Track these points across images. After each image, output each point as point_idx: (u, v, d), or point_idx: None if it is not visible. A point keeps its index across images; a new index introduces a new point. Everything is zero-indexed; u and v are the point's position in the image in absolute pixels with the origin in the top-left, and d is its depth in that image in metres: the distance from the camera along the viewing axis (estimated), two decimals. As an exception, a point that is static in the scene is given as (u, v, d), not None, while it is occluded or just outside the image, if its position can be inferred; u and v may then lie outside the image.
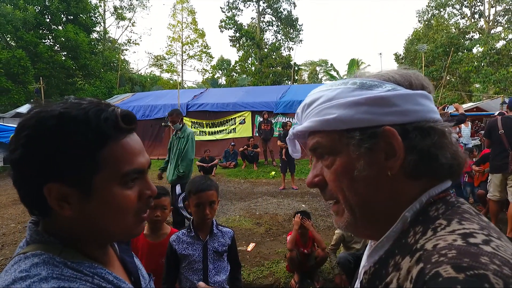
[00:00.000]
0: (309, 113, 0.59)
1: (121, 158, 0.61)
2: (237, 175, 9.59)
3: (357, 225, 0.57)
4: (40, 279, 0.52)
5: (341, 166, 0.55)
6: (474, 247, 0.40)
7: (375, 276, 0.52)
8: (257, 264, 3.78)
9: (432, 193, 0.53)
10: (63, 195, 0.58)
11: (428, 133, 0.53)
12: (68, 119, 0.57)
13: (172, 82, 33.00)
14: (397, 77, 0.57)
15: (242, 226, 5.07)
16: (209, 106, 12.82)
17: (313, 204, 6.28)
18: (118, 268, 0.73)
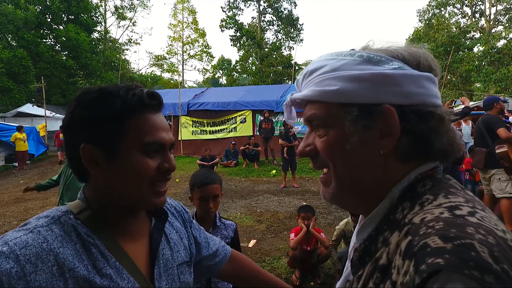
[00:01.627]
0: (310, 81, 0.58)
1: (143, 129, 0.70)
2: (238, 174, 9.60)
3: (343, 197, 0.58)
4: (27, 228, 0.64)
5: (334, 138, 0.55)
6: (460, 218, 0.41)
7: (365, 253, 0.53)
8: (258, 260, 3.80)
9: (420, 170, 0.54)
10: (93, 156, 0.68)
11: (425, 117, 0.52)
12: (105, 92, 0.70)
13: (173, 82, 33.03)
14: (406, 55, 0.55)
15: (243, 223, 5.09)
16: (210, 105, 12.83)
17: (313, 202, 6.29)
18: (142, 242, 0.78)
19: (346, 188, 0.56)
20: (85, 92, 0.71)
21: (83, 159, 0.68)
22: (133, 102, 0.69)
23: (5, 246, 0.59)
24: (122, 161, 0.69)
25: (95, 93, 0.70)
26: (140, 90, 0.72)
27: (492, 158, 4.17)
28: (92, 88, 0.72)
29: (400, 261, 0.41)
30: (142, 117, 0.70)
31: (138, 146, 0.69)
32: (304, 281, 3.35)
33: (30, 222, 0.67)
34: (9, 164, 12.10)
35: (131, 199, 0.72)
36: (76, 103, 0.70)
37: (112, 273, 0.68)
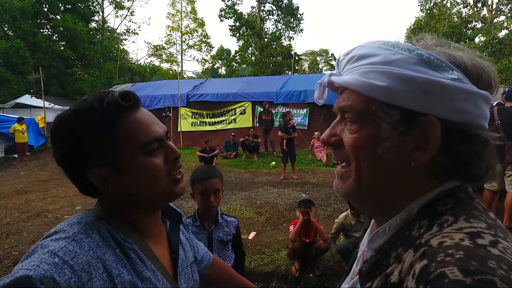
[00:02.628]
0: (355, 68, 0.53)
1: (134, 131, 0.68)
2: (238, 166, 9.63)
3: (358, 196, 0.56)
4: (67, 235, 0.63)
5: (366, 138, 0.52)
6: (482, 249, 0.39)
7: (376, 266, 0.51)
8: (258, 252, 3.85)
9: (443, 187, 0.51)
10: (102, 176, 0.67)
11: (470, 139, 0.49)
12: (79, 113, 0.67)
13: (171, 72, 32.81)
14: (469, 65, 0.50)
15: (243, 215, 5.13)
16: (209, 96, 12.79)
17: (313, 194, 6.33)
18: (162, 244, 0.81)
19: (363, 190, 0.54)
20: (59, 122, 0.68)
21: (94, 183, 0.68)
22: (110, 110, 0.67)
23: (55, 257, 0.58)
24: (131, 171, 0.69)
25: (70, 119, 0.67)
26: (112, 96, 0.69)
27: None
28: (63, 114, 0.68)
29: (413, 284, 0.40)
30: (126, 120, 0.68)
31: (138, 150, 0.69)
32: (303, 273, 3.40)
33: (64, 229, 0.65)
34: (9, 156, 12.10)
35: (154, 197, 0.73)
36: (57, 135, 0.68)
37: (150, 276, 0.70)
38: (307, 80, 13.38)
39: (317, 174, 8.42)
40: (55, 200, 6.42)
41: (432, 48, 0.52)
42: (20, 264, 0.57)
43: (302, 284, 3.35)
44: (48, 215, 5.53)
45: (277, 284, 3.42)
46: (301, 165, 9.21)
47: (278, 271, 3.51)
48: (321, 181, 7.59)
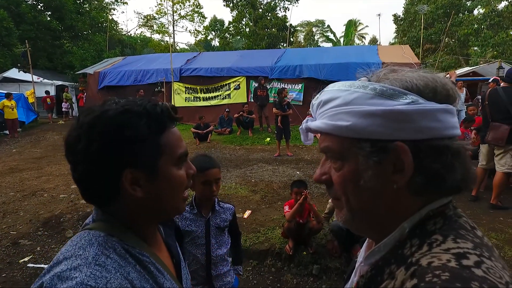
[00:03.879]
0: (323, 113, 0.59)
1: (174, 143, 0.72)
2: (232, 142, 9.64)
3: (354, 224, 0.61)
4: (86, 261, 0.61)
5: (349, 173, 0.56)
6: (466, 270, 0.42)
7: (371, 281, 0.55)
8: (253, 231, 3.94)
9: (432, 206, 0.54)
10: (136, 179, 0.67)
11: (441, 152, 0.52)
12: (133, 113, 0.67)
13: (163, 44, 31.88)
14: (421, 85, 0.54)
15: (238, 193, 5.20)
16: (202, 71, 12.55)
17: (307, 171, 6.41)
18: (163, 250, 0.83)
19: (357, 217, 0.59)
20: (108, 117, 0.65)
21: (125, 185, 0.66)
22: (164, 118, 0.70)
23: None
24: (163, 178, 0.70)
25: (123, 115, 0.66)
26: (165, 106, 0.72)
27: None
28: (112, 110, 0.66)
29: None
30: (170, 132, 0.72)
31: (174, 161, 0.72)
32: (297, 251, 3.51)
33: (78, 254, 0.62)
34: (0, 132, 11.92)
35: (169, 209, 0.76)
36: (103, 128, 0.64)
37: (169, 286, 0.72)
38: (302, 54, 13.14)
39: (312, 150, 8.47)
40: (50, 179, 6.42)
41: (385, 79, 0.57)
42: None
43: (295, 261, 3.47)
44: (44, 194, 5.55)
45: (271, 262, 3.54)
46: (295, 141, 9.24)
47: (272, 249, 3.61)
48: (315, 158, 7.65)
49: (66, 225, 4.43)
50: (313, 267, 3.36)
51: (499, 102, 4.08)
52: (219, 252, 1.85)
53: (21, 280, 3.35)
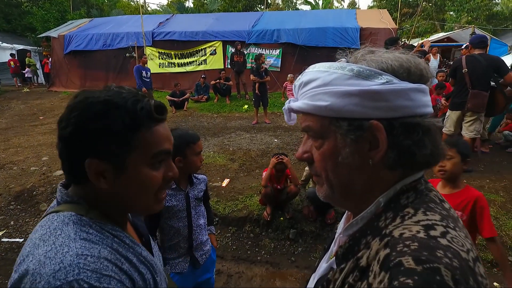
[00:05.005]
0: (304, 93, 0.61)
1: (151, 142, 0.70)
2: (210, 110, 9.50)
3: (334, 199, 0.65)
4: (69, 238, 0.61)
5: (328, 150, 0.60)
6: (433, 240, 0.47)
7: (349, 251, 0.60)
8: (232, 199, 4.02)
9: (405, 181, 0.59)
10: (100, 170, 0.67)
11: (412, 129, 0.56)
12: (112, 105, 0.66)
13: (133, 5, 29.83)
14: (396, 66, 0.57)
15: (216, 162, 5.22)
16: (176, 35, 11.96)
17: (285, 139, 6.48)
18: (131, 230, 0.83)
19: (337, 192, 0.63)
20: (88, 104, 0.66)
21: (88, 173, 0.66)
22: (142, 117, 0.68)
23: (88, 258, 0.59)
24: (130, 175, 0.69)
25: (101, 105, 0.65)
26: (147, 103, 0.69)
27: (489, 101, 4.15)
28: (95, 97, 0.66)
29: (377, 269, 0.48)
30: (150, 130, 0.69)
31: (147, 161, 0.70)
32: (274, 217, 3.64)
33: (57, 233, 0.62)
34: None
35: (136, 207, 0.74)
36: (80, 113, 0.65)
37: (146, 254, 0.74)
38: (280, 18, 12.71)
39: (289, 117, 8.52)
40: (18, 151, 6.14)
41: (362, 60, 0.60)
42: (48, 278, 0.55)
43: (273, 227, 3.60)
44: (13, 167, 5.33)
45: (250, 228, 3.66)
46: (273, 108, 9.22)
47: (251, 216, 3.72)
48: (293, 125, 7.71)
49: (40, 198, 4.33)
50: (290, 232, 3.51)
51: (479, 69, 4.15)
52: (199, 222, 1.90)
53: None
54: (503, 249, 1.96)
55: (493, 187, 4.09)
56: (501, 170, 4.63)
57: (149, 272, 0.71)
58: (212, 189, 4.26)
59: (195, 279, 1.92)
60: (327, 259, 0.73)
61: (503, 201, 3.73)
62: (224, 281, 2.96)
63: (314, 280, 0.72)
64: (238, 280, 2.98)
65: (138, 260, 0.70)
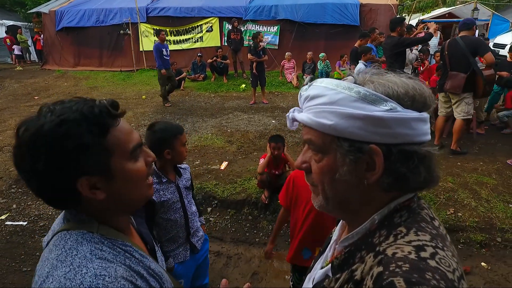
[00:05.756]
0: (310, 107, 0.63)
1: (123, 139, 0.71)
2: (207, 89, 9.40)
3: (328, 210, 0.68)
4: (85, 258, 0.63)
5: (327, 166, 0.63)
6: (423, 262, 0.51)
7: (344, 262, 0.64)
8: (230, 182, 4.08)
9: (399, 200, 0.62)
10: (93, 185, 0.68)
11: (410, 156, 0.58)
12: (71, 123, 0.64)
13: (125, -23, 28.63)
14: (401, 93, 0.59)
15: (214, 144, 5.25)
16: (171, 10, 11.61)
17: (282, 120, 6.48)
18: (137, 238, 0.86)
19: (331, 204, 0.66)
20: (46, 132, 0.63)
21: (83, 192, 0.67)
22: (104, 119, 0.68)
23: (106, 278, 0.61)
24: (120, 177, 0.71)
25: (58, 127, 0.63)
26: (102, 104, 0.69)
27: (469, 82, 4.21)
28: (49, 122, 0.64)
29: (371, 284, 0.52)
30: (116, 129, 0.70)
31: (127, 156, 0.72)
32: (272, 200, 3.72)
33: (72, 254, 0.64)
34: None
35: (136, 200, 0.78)
36: (44, 143, 0.63)
37: (154, 267, 0.77)
38: (278, -8, 12.31)
39: (287, 97, 8.47)
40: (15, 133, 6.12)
41: (370, 82, 0.62)
42: None
43: (271, 209, 3.70)
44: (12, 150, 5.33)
45: (248, 210, 3.75)
46: (271, 88, 9.15)
47: (249, 199, 3.80)
48: (290, 105, 7.68)
49: (40, 182, 4.37)
50: (287, 214, 3.60)
51: (458, 51, 4.25)
52: (192, 209, 1.97)
53: (1, 239, 3.38)
54: None
55: (486, 169, 4.17)
56: (495, 152, 4.71)
57: (158, 284, 0.75)
58: (210, 172, 4.32)
59: (195, 263, 2.01)
60: (322, 262, 0.78)
61: (495, 184, 3.83)
62: (223, 262, 3.08)
63: (310, 281, 0.77)
64: (237, 261, 3.10)
65: (147, 273, 0.73)
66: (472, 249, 3.09)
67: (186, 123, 6.42)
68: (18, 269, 2.94)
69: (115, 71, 12.03)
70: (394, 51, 4.94)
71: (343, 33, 10.28)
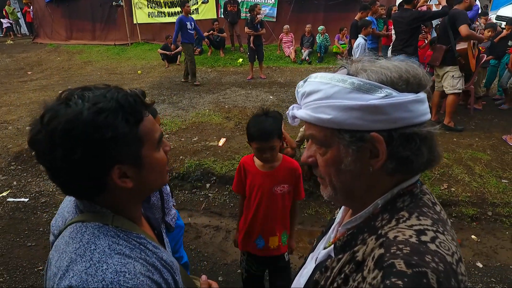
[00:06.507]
0: (307, 104, 0.64)
1: (151, 128, 0.72)
2: (204, 63, 9.25)
3: (337, 200, 0.71)
4: (105, 253, 0.64)
5: (331, 159, 0.65)
6: (423, 245, 0.53)
7: (346, 244, 0.66)
8: (229, 158, 4.12)
9: (403, 185, 0.64)
10: (123, 173, 0.69)
11: (411, 139, 0.60)
12: (109, 112, 0.64)
13: None
14: (395, 78, 0.60)
15: (212, 121, 5.24)
16: (165, -20, 11.16)
17: (280, 95, 6.44)
18: (145, 224, 0.87)
19: (339, 194, 0.69)
20: (85, 121, 0.62)
21: (115, 179, 0.67)
22: (139, 110, 0.69)
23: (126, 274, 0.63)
24: (148, 165, 0.72)
25: (98, 116, 0.63)
26: (135, 94, 0.70)
27: (450, 55, 4.26)
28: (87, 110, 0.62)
29: (372, 265, 0.54)
30: (146, 118, 0.71)
31: (154, 146, 0.74)
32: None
33: (92, 249, 0.65)
34: None
35: (155, 188, 0.80)
36: (83, 134, 0.62)
37: (166, 257, 0.79)
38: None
39: (285, 72, 8.37)
40: (11, 110, 6.07)
41: (363, 71, 0.62)
42: None
43: (269, 185, 3.75)
44: (8, 126, 5.32)
45: (246, 186, 3.81)
46: (268, 62, 9.01)
47: (247, 175, 3.85)
48: (288, 80, 7.61)
49: (39, 159, 4.39)
50: (285, 190, 3.67)
51: (442, 24, 4.34)
52: (167, 190, 2.00)
53: (4, 215, 3.45)
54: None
55: (481, 145, 4.22)
56: (491, 128, 4.75)
57: (170, 274, 0.76)
58: (208, 149, 4.35)
59: (172, 240, 2.08)
60: (325, 243, 0.81)
61: (489, 160, 3.89)
62: (223, 236, 3.17)
63: (312, 260, 0.80)
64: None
65: (161, 265, 0.74)
66: (464, 222, 3.20)
67: (183, 99, 6.38)
68: (23, 244, 3.02)
69: (109, 45, 11.75)
70: (412, 25, 4.55)
71: (342, 5, 9.98)
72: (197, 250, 2.96)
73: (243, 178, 1.91)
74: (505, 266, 2.69)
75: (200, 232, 3.20)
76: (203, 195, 3.75)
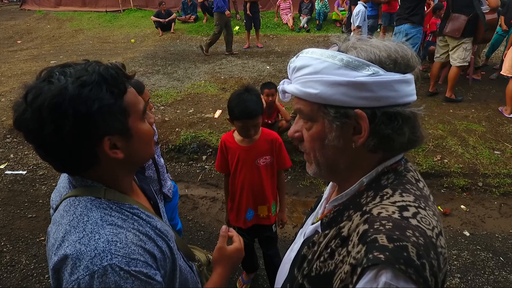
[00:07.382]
0: (297, 78, 0.66)
1: (135, 100, 0.74)
2: (199, 31, 8.98)
3: (322, 175, 0.73)
4: (97, 224, 0.67)
5: (316, 133, 0.67)
6: (405, 221, 0.55)
7: (333, 220, 0.69)
8: (225, 130, 4.11)
9: (387, 163, 0.66)
10: (113, 144, 0.71)
11: (394, 118, 0.61)
12: (93, 85, 0.65)
13: None
14: (383, 57, 0.61)
15: (208, 92, 5.17)
16: None
17: (277, 65, 6.32)
18: (142, 196, 0.90)
19: (323, 170, 0.71)
20: (71, 95, 0.63)
21: (106, 150, 0.69)
22: (122, 81, 0.70)
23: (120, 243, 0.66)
24: (136, 136, 0.74)
25: (83, 90, 0.64)
26: (116, 66, 0.71)
27: (470, 25, 4.03)
28: (71, 85, 0.63)
29: (356, 240, 0.57)
30: (129, 90, 0.73)
31: (140, 117, 0.75)
32: (266, 148, 3.80)
33: (85, 221, 0.67)
34: None
35: (145, 159, 0.82)
36: (71, 108, 0.63)
37: (159, 226, 0.81)
38: None
39: (283, 40, 8.16)
40: (2, 81, 5.96)
41: (353, 48, 0.63)
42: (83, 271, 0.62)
43: (264, 157, 3.79)
44: (1, 98, 5.24)
45: (242, 158, 3.84)
46: (265, 30, 8.76)
47: (243, 147, 3.87)
48: (286, 49, 7.44)
49: (35, 131, 4.38)
50: (280, 162, 3.71)
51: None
52: (162, 162, 2.04)
53: (3, 187, 3.49)
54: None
55: (477, 117, 4.23)
56: (488, 99, 4.72)
57: (164, 242, 0.78)
58: (204, 121, 4.34)
59: (169, 209, 2.16)
60: (313, 219, 0.84)
61: (483, 131, 3.91)
62: (219, 207, 3.25)
63: (301, 235, 0.83)
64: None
65: (155, 233, 0.76)
66: (454, 193, 3.27)
67: (178, 69, 6.25)
68: (24, 216, 3.09)
69: (100, 11, 11.31)
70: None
71: (343, -32, 9.53)
72: (194, 220, 3.04)
73: (226, 156, 1.92)
74: (491, 234, 2.80)
75: (197, 203, 3.27)
76: (199, 167, 3.80)
